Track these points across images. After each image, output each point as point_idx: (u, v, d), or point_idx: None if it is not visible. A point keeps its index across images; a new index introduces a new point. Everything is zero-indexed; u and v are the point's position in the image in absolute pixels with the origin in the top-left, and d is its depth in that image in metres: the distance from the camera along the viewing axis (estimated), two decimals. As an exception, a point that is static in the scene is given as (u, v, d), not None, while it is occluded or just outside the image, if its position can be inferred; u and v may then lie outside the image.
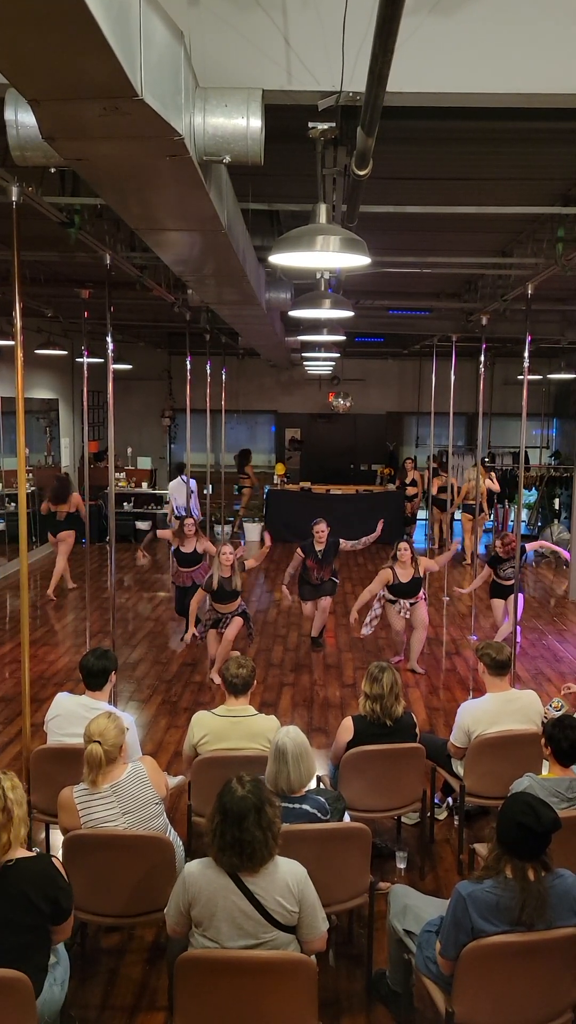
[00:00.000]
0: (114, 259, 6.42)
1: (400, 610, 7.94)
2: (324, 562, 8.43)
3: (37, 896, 2.84)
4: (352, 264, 3.96)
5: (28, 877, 2.86)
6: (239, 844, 2.82)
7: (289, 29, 3.22)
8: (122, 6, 2.13)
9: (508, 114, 4.06)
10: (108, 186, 3.55)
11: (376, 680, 4.36)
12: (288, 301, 8.10)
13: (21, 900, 2.82)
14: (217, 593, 7.50)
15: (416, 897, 3.51)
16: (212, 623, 7.68)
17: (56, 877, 2.93)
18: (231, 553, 7.46)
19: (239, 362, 16.93)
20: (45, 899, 2.86)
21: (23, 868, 2.87)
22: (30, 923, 2.85)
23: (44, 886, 2.87)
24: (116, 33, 2.05)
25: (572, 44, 3.24)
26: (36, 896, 2.84)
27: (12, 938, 2.82)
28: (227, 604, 7.57)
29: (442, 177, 6.06)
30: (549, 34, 3.24)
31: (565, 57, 3.26)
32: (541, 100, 3.39)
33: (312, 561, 8.41)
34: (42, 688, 7.20)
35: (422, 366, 17.04)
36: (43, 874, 2.90)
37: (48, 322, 12.12)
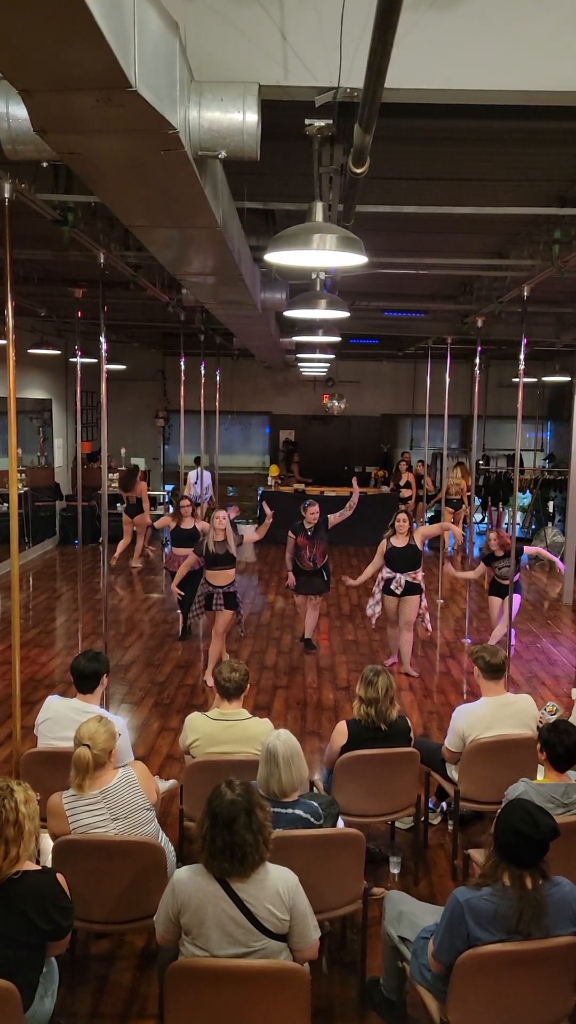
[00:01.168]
0: (108, 258, 6.37)
1: (396, 586, 7.83)
2: (315, 537, 8.40)
3: (38, 914, 2.81)
4: (349, 263, 3.92)
5: (31, 893, 2.82)
6: (230, 848, 2.77)
7: (286, 23, 3.17)
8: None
9: (505, 113, 4.03)
10: (101, 182, 3.50)
11: (371, 684, 4.31)
12: (283, 301, 8.06)
13: (21, 917, 2.78)
14: (210, 558, 7.39)
15: (411, 904, 3.46)
16: (205, 601, 7.53)
17: (59, 895, 2.89)
18: (224, 517, 7.44)
19: (233, 363, 16.89)
20: (45, 918, 2.82)
21: (28, 883, 2.83)
22: (27, 940, 2.82)
23: (46, 904, 2.83)
24: (110, 22, 2.01)
25: (573, 42, 3.20)
26: (36, 914, 2.80)
27: (7, 952, 2.78)
28: (221, 569, 7.42)
29: (439, 177, 6.03)
30: (549, 31, 3.21)
31: (565, 55, 3.22)
32: (541, 98, 3.36)
33: (303, 538, 8.40)
34: (33, 690, 7.14)
35: (417, 368, 17.02)
36: (47, 891, 2.86)
37: (41, 321, 12.07)
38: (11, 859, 2.79)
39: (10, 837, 2.78)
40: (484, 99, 3.42)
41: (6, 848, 2.76)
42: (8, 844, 2.77)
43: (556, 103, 3.42)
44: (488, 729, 4.51)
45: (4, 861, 2.77)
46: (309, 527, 8.39)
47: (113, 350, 12.62)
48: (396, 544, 7.89)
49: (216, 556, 7.41)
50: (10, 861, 2.79)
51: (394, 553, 7.90)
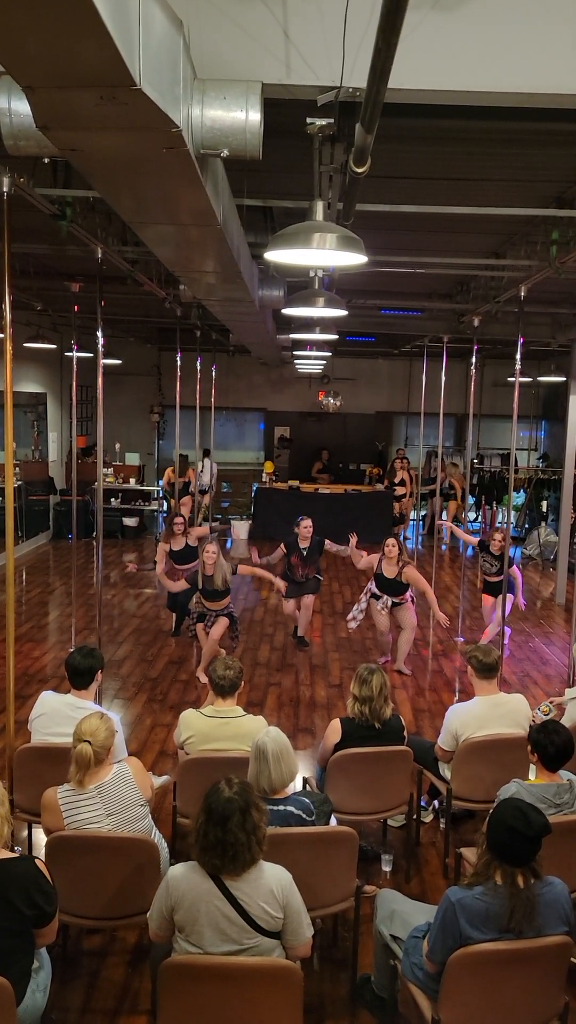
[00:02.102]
0: (105, 253, 6.36)
1: (382, 607, 7.89)
2: (308, 560, 8.43)
3: (20, 899, 2.78)
4: (349, 263, 3.92)
5: (11, 879, 2.79)
6: (221, 845, 2.78)
7: (289, 23, 3.17)
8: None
9: (505, 114, 4.04)
10: (102, 178, 3.50)
11: (365, 682, 4.33)
12: (281, 299, 8.06)
13: (4, 904, 2.76)
14: (203, 591, 7.48)
15: (403, 902, 3.47)
16: (198, 617, 7.64)
17: (40, 879, 2.86)
18: (214, 552, 7.43)
19: (229, 359, 16.87)
20: (28, 903, 2.79)
21: (6, 870, 2.80)
22: (12, 927, 2.79)
23: (27, 889, 2.80)
24: (115, 19, 2.00)
25: (574, 44, 3.21)
26: (19, 899, 2.77)
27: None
28: (214, 602, 7.52)
29: (438, 177, 6.04)
30: (551, 34, 3.22)
31: (567, 57, 3.23)
32: (542, 100, 3.37)
33: (296, 558, 8.41)
34: (26, 685, 7.13)
35: (412, 366, 17.03)
36: (26, 876, 2.83)
37: (37, 315, 12.03)
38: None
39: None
40: (485, 100, 3.43)
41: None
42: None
43: (556, 105, 3.43)
44: (481, 728, 4.53)
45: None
46: (304, 546, 8.42)
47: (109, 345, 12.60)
48: (385, 574, 7.86)
49: (207, 591, 7.46)
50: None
51: (382, 581, 7.92)
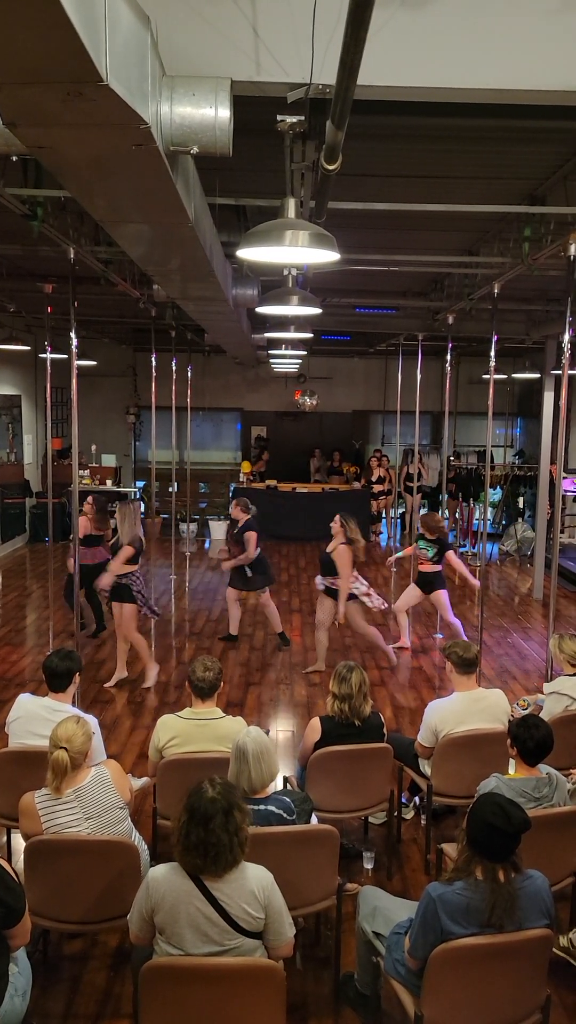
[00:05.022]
0: (78, 253, 6.31)
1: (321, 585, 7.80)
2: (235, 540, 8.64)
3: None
4: (321, 260, 3.91)
5: None
6: (203, 846, 2.76)
7: (258, 19, 3.16)
8: (87, -13, 2.06)
9: (477, 111, 4.04)
10: (72, 176, 3.46)
11: (344, 680, 4.32)
12: (255, 298, 8.04)
13: None
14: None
15: (385, 899, 3.48)
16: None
17: (5, 876, 2.82)
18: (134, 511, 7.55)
19: (205, 359, 16.83)
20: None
21: None
22: None
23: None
24: (80, 13, 1.98)
25: (545, 40, 3.22)
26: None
27: None
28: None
29: (410, 175, 6.05)
30: (522, 29, 3.22)
31: (538, 53, 3.24)
32: (513, 96, 3.37)
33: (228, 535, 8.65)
34: (3, 689, 7.07)
35: (388, 365, 17.08)
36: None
37: (10, 317, 11.93)
38: None
39: None
40: (456, 97, 3.43)
41: None
42: None
43: (528, 101, 3.43)
44: (460, 724, 4.54)
45: None
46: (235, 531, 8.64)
47: (83, 346, 12.53)
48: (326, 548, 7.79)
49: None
50: None
51: (321, 557, 7.87)
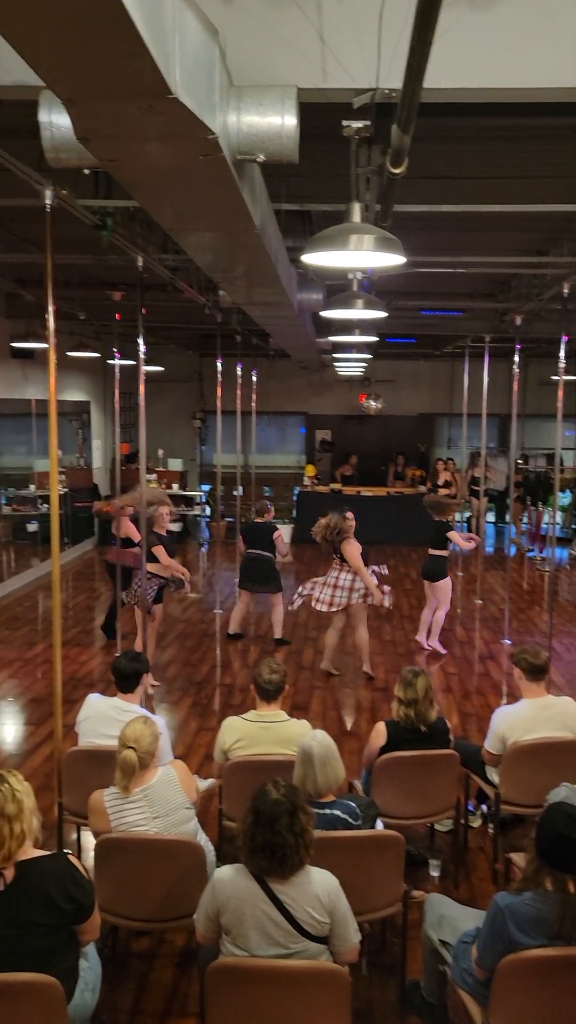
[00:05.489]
0: (146, 261, 6.43)
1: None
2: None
3: (58, 895, 2.79)
4: (387, 263, 3.91)
5: (47, 876, 2.81)
6: (270, 847, 2.78)
7: (324, 26, 3.18)
8: (156, 3, 2.11)
9: (544, 110, 3.99)
10: (141, 187, 3.54)
11: (410, 685, 4.30)
12: (320, 302, 8.06)
13: (42, 900, 2.78)
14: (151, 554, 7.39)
15: (452, 907, 3.44)
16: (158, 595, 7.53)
17: (75, 873, 2.88)
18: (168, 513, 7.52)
19: (269, 363, 16.91)
20: (65, 897, 2.81)
21: (41, 867, 2.83)
22: (54, 924, 2.81)
23: (64, 884, 2.82)
24: (151, 30, 2.03)
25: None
26: (57, 895, 2.79)
27: (37, 940, 2.78)
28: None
29: (477, 176, 5.99)
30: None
31: (606, 50, 3.18)
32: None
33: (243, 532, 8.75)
34: (73, 689, 7.23)
35: (454, 367, 16.90)
36: (62, 872, 2.85)
37: (80, 325, 12.20)
38: (17, 836, 2.77)
39: (12, 813, 2.77)
40: (524, 96, 3.40)
41: (10, 825, 2.75)
42: (11, 821, 2.76)
43: (597, 99, 3.38)
44: (529, 732, 4.47)
45: (11, 840, 2.76)
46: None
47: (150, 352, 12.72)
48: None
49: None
50: (17, 839, 2.77)
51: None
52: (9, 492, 13.84)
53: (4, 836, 2.74)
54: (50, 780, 5.03)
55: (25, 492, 13.72)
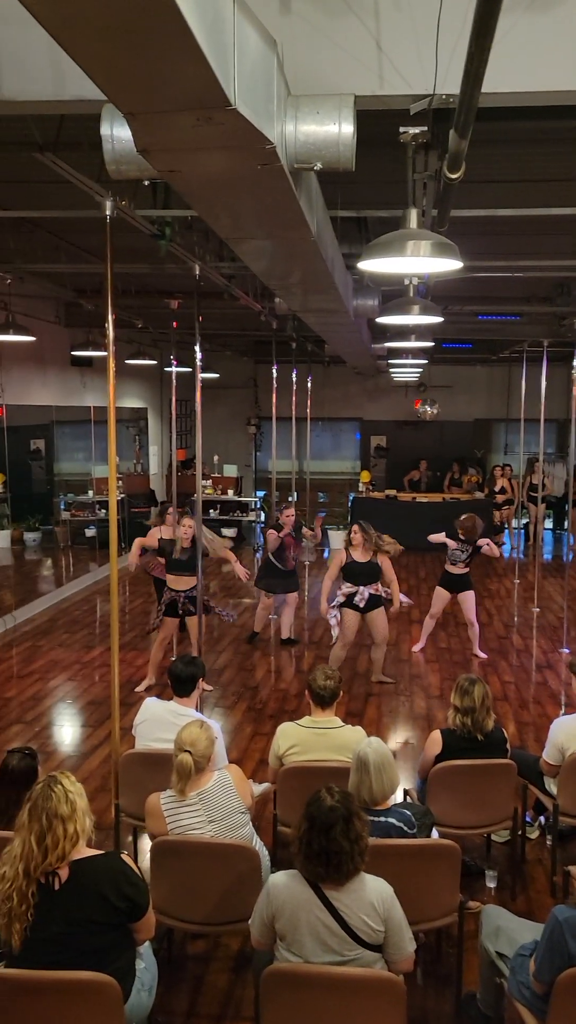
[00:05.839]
0: (203, 269, 6.50)
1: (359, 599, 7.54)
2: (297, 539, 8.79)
3: (112, 893, 2.82)
4: (444, 269, 3.90)
5: (101, 874, 2.85)
6: (325, 854, 2.78)
7: (381, 34, 3.18)
8: (216, 16, 2.14)
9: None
10: (199, 197, 3.58)
11: (467, 693, 4.26)
12: (376, 308, 8.05)
13: (97, 899, 2.81)
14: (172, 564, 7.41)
15: (509, 919, 3.40)
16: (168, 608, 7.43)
17: (128, 872, 2.91)
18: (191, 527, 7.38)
19: (324, 370, 16.94)
20: (119, 895, 2.84)
21: (95, 866, 2.86)
22: (109, 922, 2.84)
23: (118, 882, 2.85)
24: (211, 43, 2.06)
25: None
26: (111, 893, 2.82)
27: (93, 939, 2.81)
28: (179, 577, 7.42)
29: (534, 179, 5.93)
30: None
31: None
32: None
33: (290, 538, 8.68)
34: (130, 692, 7.32)
35: (511, 372, 16.72)
36: (115, 870, 2.88)
37: (138, 333, 12.37)
38: (71, 836, 2.80)
39: (65, 814, 2.80)
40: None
41: (64, 825, 2.79)
42: (65, 821, 2.79)
43: None
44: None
45: (65, 840, 2.79)
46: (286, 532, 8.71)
47: (206, 359, 12.87)
48: (357, 559, 7.56)
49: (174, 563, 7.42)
50: (71, 839, 2.80)
51: (355, 568, 7.59)
52: (68, 498, 14.10)
53: (58, 836, 2.78)
54: (107, 782, 5.10)
55: (83, 498, 13.97)
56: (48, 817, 2.77)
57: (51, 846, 2.76)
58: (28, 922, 2.74)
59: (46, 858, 2.76)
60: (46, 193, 6.43)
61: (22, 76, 3.26)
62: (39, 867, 2.75)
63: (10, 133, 4.88)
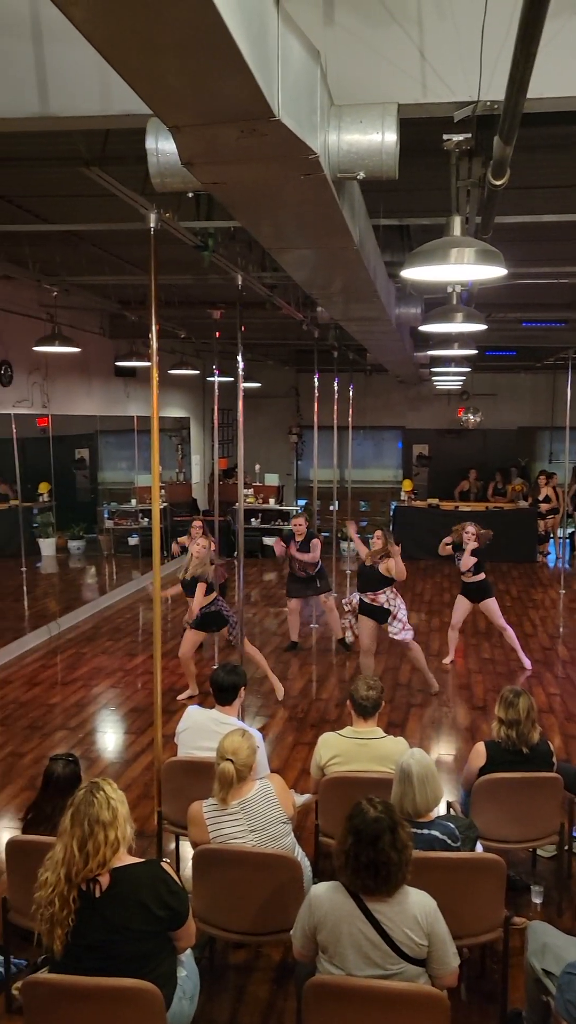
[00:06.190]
0: (245, 280, 6.54)
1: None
2: (301, 549, 8.70)
3: (153, 901, 2.83)
4: (488, 276, 3.87)
5: (141, 882, 2.85)
6: (374, 866, 2.75)
7: (424, 42, 3.18)
8: (261, 29, 2.15)
9: None
10: (243, 207, 3.60)
11: (511, 705, 4.20)
12: (418, 316, 8.02)
13: (136, 906, 2.81)
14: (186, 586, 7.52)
15: (556, 935, 3.33)
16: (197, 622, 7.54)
17: (168, 880, 2.90)
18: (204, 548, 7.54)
19: (366, 378, 16.90)
20: (160, 903, 2.84)
21: (135, 874, 2.86)
22: (149, 930, 2.84)
23: (158, 891, 2.85)
24: (255, 55, 2.07)
25: None
26: (152, 901, 2.82)
27: (133, 946, 2.81)
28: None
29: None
30: None
31: None
32: None
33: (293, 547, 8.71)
34: (172, 700, 7.35)
35: (556, 379, 16.53)
36: (156, 878, 2.88)
37: (181, 343, 12.48)
38: (112, 843, 2.80)
39: (107, 820, 2.80)
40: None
41: (105, 832, 2.79)
42: (106, 828, 2.80)
43: None
44: None
45: (106, 847, 2.79)
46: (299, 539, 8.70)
47: (248, 368, 12.94)
48: (365, 561, 7.51)
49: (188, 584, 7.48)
50: (112, 846, 2.80)
51: (361, 569, 7.58)
52: (112, 506, 14.26)
53: (99, 843, 2.79)
54: (149, 789, 5.13)
55: (127, 506, 14.11)
56: (89, 823, 2.79)
57: (92, 852, 2.77)
58: (69, 928, 2.76)
59: (87, 864, 2.77)
60: (91, 207, 6.53)
61: (69, 92, 3.32)
62: (80, 873, 2.77)
63: (58, 148, 4.96)
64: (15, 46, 3.26)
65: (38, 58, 3.26)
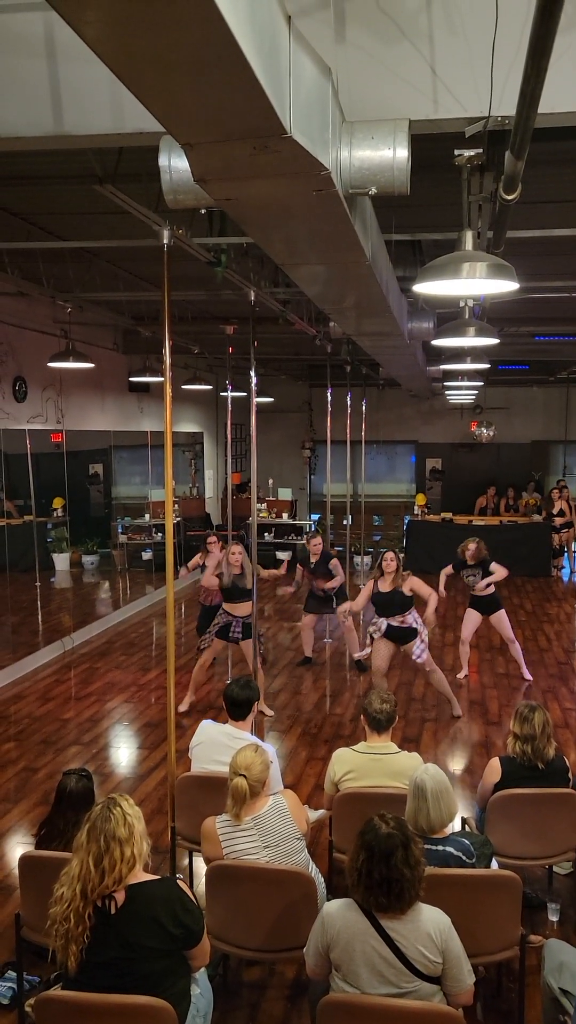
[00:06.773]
0: (258, 295, 6.57)
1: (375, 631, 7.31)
2: (316, 571, 8.74)
3: (168, 920, 2.80)
4: (500, 290, 3.87)
5: (156, 900, 2.83)
6: (387, 883, 2.72)
7: (436, 58, 3.20)
8: (273, 46, 2.17)
9: None
10: (255, 224, 3.63)
11: (526, 720, 4.17)
12: (431, 330, 8.03)
13: (151, 924, 2.79)
14: (226, 592, 7.46)
15: (573, 954, 3.29)
16: (220, 629, 7.50)
17: (184, 898, 2.88)
18: (240, 551, 7.44)
19: (379, 393, 16.93)
20: (175, 922, 2.82)
21: (150, 891, 2.84)
22: (163, 948, 2.82)
23: (174, 909, 2.83)
24: (267, 74, 2.09)
25: None
26: (167, 920, 2.80)
27: (148, 964, 2.79)
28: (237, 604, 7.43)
29: (591, 198, 5.87)
30: None
31: None
32: None
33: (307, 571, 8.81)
34: (185, 715, 7.34)
35: (569, 393, 16.50)
36: (171, 896, 2.86)
37: (194, 358, 12.54)
38: (128, 860, 2.78)
39: (123, 837, 2.78)
40: None
41: (121, 848, 2.77)
42: (122, 844, 2.78)
43: None
44: None
45: (122, 863, 2.77)
46: (313, 560, 8.70)
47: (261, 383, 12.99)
48: (381, 588, 7.29)
49: (231, 590, 7.42)
50: (128, 863, 2.78)
51: (378, 598, 7.32)
52: (125, 521, 14.30)
53: (115, 859, 2.77)
54: (163, 804, 5.11)
55: (140, 521, 14.15)
56: (106, 839, 2.78)
57: (108, 868, 2.76)
58: (84, 944, 2.74)
59: (103, 880, 2.75)
60: (105, 224, 6.59)
61: (83, 111, 3.36)
62: (96, 889, 2.75)
63: (71, 166, 5.02)
64: (29, 65, 3.31)
65: (52, 77, 3.31)
